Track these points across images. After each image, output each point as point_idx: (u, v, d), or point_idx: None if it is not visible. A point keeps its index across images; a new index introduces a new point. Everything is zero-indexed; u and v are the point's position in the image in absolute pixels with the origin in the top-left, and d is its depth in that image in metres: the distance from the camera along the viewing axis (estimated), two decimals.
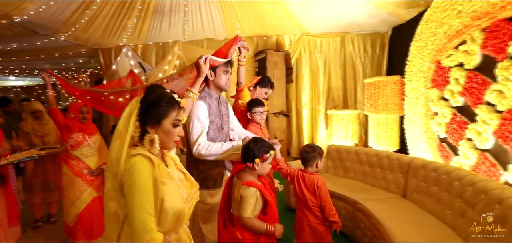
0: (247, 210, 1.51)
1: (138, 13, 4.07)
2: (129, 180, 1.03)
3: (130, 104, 1.11)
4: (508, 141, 2.14)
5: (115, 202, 1.07)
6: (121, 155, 1.05)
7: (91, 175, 2.54)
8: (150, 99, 1.11)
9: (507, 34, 2.14)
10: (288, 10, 4.37)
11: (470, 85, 2.49)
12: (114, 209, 1.08)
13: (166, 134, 1.13)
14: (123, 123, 1.08)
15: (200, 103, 1.74)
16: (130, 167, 1.04)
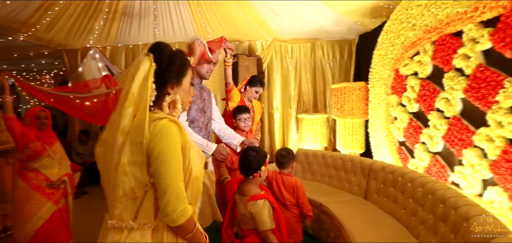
0: (266, 223, 1.52)
1: (105, 15, 3.95)
2: (159, 146, 0.94)
3: (143, 65, 0.97)
4: (454, 144, 2.34)
5: (130, 177, 0.96)
6: (144, 121, 0.94)
7: (51, 188, 2.34)
8: (167, 58, 1.02)
9: (452, 48, 2.34)
10: (258, 16, 4.44)
11: (423, 92, 2.70)
12: (130, 185, 0.97)
13: (186, 93, 1.07)
14: (138, 88, 0.96)
15: None
16: (159, 132, 0.95)
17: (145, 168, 0.97)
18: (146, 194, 0.99)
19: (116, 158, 0.96)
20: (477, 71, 2.10)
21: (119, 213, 0.99)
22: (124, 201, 0.98)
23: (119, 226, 0.99)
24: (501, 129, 1.91)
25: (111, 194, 0.99)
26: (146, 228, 0.99)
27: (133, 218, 0.99)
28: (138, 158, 0.96)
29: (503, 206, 1.90)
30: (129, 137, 0.96)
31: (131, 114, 0.96)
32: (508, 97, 1.86)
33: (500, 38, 1.91)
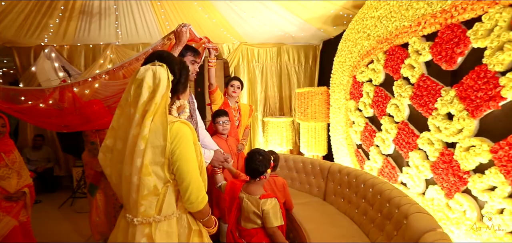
0: (277, 220, 1.65)
1: (61, 13, 3.74)
2: (180, 146, 1.10)
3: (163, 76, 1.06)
4: (402, 147, 2.53)
5: (153, 176, 1.09)
6: (165, 127, 1.07)
7: (9, 201, 2.16)
8: (178, 69, 1.16)
9: (400, 58, 2.54)
10: (224, 21, 4.46)
11: (377, 98, 2.89)
12: (153, 183, 1.10)
13: (187, 97, 1.22)
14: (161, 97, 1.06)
15: None
16: (177, 134, 1.10)
17: (166, 167, 1.11)
18: (168, 189, 1.14)
19: (138, 162, 1.06)
20: (420, 80, 2.30)
21: (144, 210, 1.11)
22: (149, 198, 1.10)
23: (146, 221, 1.11)
24: (439, 133, 2.11)
25: (134, 194, 1.10)
26: (171, 218, 1.14)
27: (158, 212, 1.13)
28: (159, 159, 1.09)
29: (441, 203, 2.09)
30: (149, 142, 1.07)
31: (152, 122, 1.07)
32: (444, 105, 2.05)
33: (438, 51, 2.11)
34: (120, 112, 1.12)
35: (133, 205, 1.11)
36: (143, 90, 1.03)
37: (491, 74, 1.71)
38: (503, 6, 1.65)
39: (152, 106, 1.04)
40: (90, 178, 2.69)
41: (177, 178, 1.13)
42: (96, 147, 2.68)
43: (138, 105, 1.04)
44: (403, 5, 2.44)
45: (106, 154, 1.16)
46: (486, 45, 1.75)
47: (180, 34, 1.68)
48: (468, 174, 1.88)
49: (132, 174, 1.08)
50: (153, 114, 1.05)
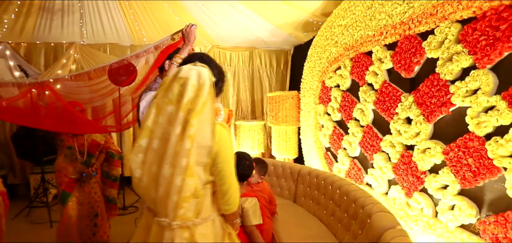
0: (256, 218, 1.70)
1: (17, 9, 3.49)
2: (224, 148, 1.12)
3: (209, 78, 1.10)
4: (367, 150, 2.67)
5: (195, 178, 1.08)
6: (212, 128, 1.09)
7: None
8: (217, 72, 1.19)
9: (365, 65, 2.68)
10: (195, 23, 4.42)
11: (344, 103, 3.02)
12: (194, 185, 1.09)
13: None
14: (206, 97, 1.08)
15: (149, 93, 1.65)
16: (221, 136, 1.12)
17: (208, 169, 1.12)
18: (206, 191, 1.14)
19: (184, 162, 1.05)
20: (383, 86, 2.44)
21: (183, 213, 1.09)
22: (190, 201, 1.09)
23: (185, 225, 1.10)
24: (400, 137, 2.26)
25: (174, 196, 1.07)
26: (208, 220, 1.15)
27: (196, 215, 1.12)
28: (204, 160, 1.10)
29: (402, 202, 2.24)
30: (195, 142, 1.06)
31: (198, 122, 1.06)
32: (404, 110, 2.20)
33: (398, 60, 2.27)
34: (158, 111, 1.11)
35: (172, 208, 1.08)
36: (188, 89, 1.05)
37: (442, 82, 1.87)
38: (451, 21, 1.81)
39: (198, 105, 1.05)
40: (63, 186, 2.50)
41: (218, 180, 1.15)
42: (73, 152, 2.53)
43: (182, 103, 1.05)
44: (367, 16, 2.59)
45: (138, 155, 1.13)
46: (438, 56, 1.91)
47: (189, 34, 1.67)
48: (425, 174, 2.03)
49: (174, 174, 1.05)
50: (199, 113, 1.05)
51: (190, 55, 1.24)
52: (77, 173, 2.53)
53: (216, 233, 1.18)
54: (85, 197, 2.55)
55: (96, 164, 2.68)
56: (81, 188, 2.55)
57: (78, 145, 2.58)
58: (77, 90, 4.73)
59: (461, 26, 1.75)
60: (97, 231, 2.61)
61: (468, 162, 1.68)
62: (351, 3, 2.83)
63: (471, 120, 1.67)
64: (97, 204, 2.61)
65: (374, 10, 2.50)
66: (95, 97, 4.62)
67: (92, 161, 2.64)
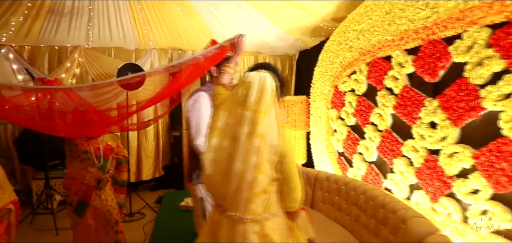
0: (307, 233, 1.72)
1: (27, 11, 3.42)
2: (292, 148, 1.22)
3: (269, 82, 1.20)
4: (386, 154, 2.66)
5: (264, 175, 1.16)
6: (281, 126, 1.18)
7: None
8: (279, 78, 1.27)
9: (383, 70, 2.69)
10: (204, 27, 4.40)
11: (360, 108, 3.01)
12: (265, 181, 1.17)
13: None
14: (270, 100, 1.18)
15: (203, 94, 1.72)
16: (289, 135, 1.21)
17: (275, 166, 1.19)
18: (273, 188, 1.22)
19: (254, 159, 1.14)
20: (403, 91, 2.45)
21: (254, 208, 1.17)
22: (260, 196, 1.17)
23: (255, 219, 1.18)
24: (423, 141, 2.25)
25: (246, 192, 1.16)
26: (275, 215, 1.23)
27: (265, 210, 1.20)
28: (273, 158, 1.18)
29: (426, 207, 2.23)
30: (265, 140, 1.15)
31: (266, 122, 1.15)
32: (428, 114, 2.20)
33: (420, 64, 2.27)
34: (228, 112, 1.23)
35: (243, 203, 1.17)
36: (252, 92, 1.17)
37: (471, 86, 1.88)
38: (481, 26, 1.82)
39: (263, 106, 1.15)
40: (80, 195, 2.38)
41: (285, 177, 1.21)
42: (90, 157, 2.44)
43: (248, 104, 1.16)
44: (386, 21, 2.60)
45: (210, 154, 1.23)
46: (466, 60, 1.91)
47: (239, 44, 1.70)
48: (452, 179, 2.02)
49: (245, 171, 1.15)
50: (265, 114, 1.15)
51: (256, 63, 1.37)
52: (94, 179, 2.45)
53: (282, 229, 1.25)
54: (103, 206, 2.47)
55: (111, 169, 2.61)
56: (98, 196, 2.47)
57: (94, 149, 2.51)
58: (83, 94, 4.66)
59: (492, 31, 1.76)
60: (118, 239, 2.55)
61: (502, 166, 1.68)
62: (367, 8, 2.84)
63: (505, 124, 1.67)
64: (115, 211, 2.54)
65: (393, 15, 2.51)
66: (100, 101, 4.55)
67: (107, 166, 2.58)
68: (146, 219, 3.97)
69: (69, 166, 2.50)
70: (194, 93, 1.82)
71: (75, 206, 2.41)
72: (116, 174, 2.75)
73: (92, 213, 2.46)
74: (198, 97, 1.75)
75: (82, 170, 2.44)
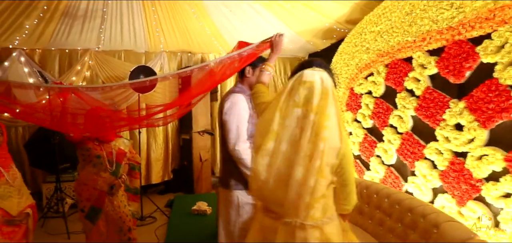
0: None
1: (42, 14, 3.41)
2: (348, 150, 1.15)
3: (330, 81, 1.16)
4: (406, 157, 2.62)
5: (325, 179, 1.11)
6: (341, 128, 1.13)
7: (10, 225, 1.80)
8: (332, 73, 1.22)
9: (403, 71, 2.65)
10: (216, 30, 4.39)
11: (378, 110, 2.97)
12: (325, 185, 1.12)
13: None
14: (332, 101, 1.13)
15: (240, 97, 1.65)
16: (347, 139, 1.15)
17: (333, 169, 1.14)
18: (329, 192, 1.17)
19: (318, 163, 1.09)
20: (426, 92, 2.40)
21: (313, 213, 1.13)
22: (320, 201, 1.13)
23: (316, 225, 1.13)
24: (448, 144, 2.20)
25: (307, 197, 1.10)
26: (333, 219, 1.18)
27: (323, 214, 1.15)
28: (333, 161, 1.12)
29: (452, 211, 2.18)
30: (327, 143, 1.09)
31: (330, 125, 1.10)
32: (453, 116, 2.16)
33: (445, 65, 2.23)
34: (283, 114, 1.16)
35: (303, 208, 1.12)
36: (315, 93, 1.11)
37: (502, 87, 1.83)
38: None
39: (326, 108, 1.10)
40: (92, 200, 2.32)
41: (342, 180, 1.17)
42: (102, 161, 2.40)
43: (312, 106, 1.10)
44: (406, 21, 2.56)
45: (264, 158, 1.18)
46: (497, 60, 1.87)
47: (278, 43, 1.64)
48: (481, 182, 1.97)
49: (307, 176, 1.09)
50: (328, 117, 1.10)
51: (308, 60, 1.28)
52: (106, 185, 2.40)
53: (339, 232, 1.21)
54: (115, 212, 2.42)
55: (123, 175, 2.56)
56: (111, 203, 2.42)
57: (107, 154, 2.46)
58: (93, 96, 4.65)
59: None
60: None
61: None
62: (386, 9, 2.81)
63: None
64: (128, 218, 2.49)
65: (414, 16, 2.47)
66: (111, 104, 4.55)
67: (120, 171, 2.53)
68: (158, 223, 3.93)
69: (81, 171, 2.43)
70: (228, 95, 1.75)
71: (87, 212, 2.34)
72: (128, 180, 2.69)
73: (104, 219, 2.39)
74: (236, 100, 1.67)
75: (94, 175, 2.37)
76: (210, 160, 5.46)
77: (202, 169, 5.15)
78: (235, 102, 1.66)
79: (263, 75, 1.56)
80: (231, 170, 1.70)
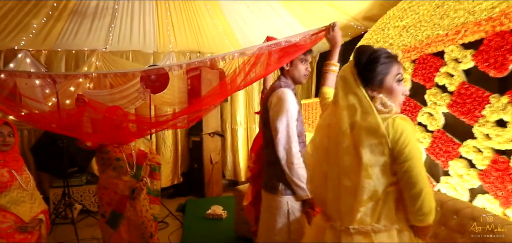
0: None
1: (51, 11, 3.29)
2: (409, 144, 0.97)
3: (343, 71, 1.09)
4: (439, 156, 2.49)
5: (373, 179, 0.99)
6: (375, 120, 0.99)
7: (23, 232, 1.72)
8: (365, 60, 1.06)
9: (434, 67, 2.53)
10: (229, 28, 4.28)
11: (404, 108, 2.84)
12: (373, 187, 0.99)
13: (390, 93, 1.06)
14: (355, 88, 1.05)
15: (288, 92, 1.50)
16: (402, 130, 0.98)
17: (387, 169, 1.00)
18: (388, 196, 1.02)
19: (356, 161, 0.99)
20: (460, 88, 2.28)
21: (361, 217, 1.00)
22: (367, 204, 1.00)
23: (364, 230, 1.00)
24: (488, 141, 2.08)
25: (350, 199, 1.01)
26: (391, 229, 1.01)
27: (376, 220, 1.01)
28: (378, 159, 0.99)
29: (496, 212, 2.05)
30: (364, 139, 0.99)
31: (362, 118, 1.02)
32: (494, 112, 2.04)
33: (484, 58, 2.11)
34: (333, 110, 1.10)
35: (346, 211, 1.03)
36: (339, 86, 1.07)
37: None
38: None
39: (350, 100, 1.03)
40: (113, 205, 2.22)
41: (405, 182, 0.99)
42: (122, 164, 2.27)
43: (339, 100, 1.05)
44: (437, 14, 2.45)
45: (310, 153, 1.16)
46: None
47: (337, 37, 1.54)
48: None
49: (341, 175, 1.02)
50: (357, 108, 1.01)
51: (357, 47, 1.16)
52: (128, 188, 2.28)
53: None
54: (138, 218, 2.29)
55: (145, 177, 2.44)
56: (133, 207, 2.30)
57: (126, 156, 2.34)
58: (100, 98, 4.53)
59: None
60: None
61: None
62: (412, 2, 2.70)
63: None
64: (150, 223, 2.36)
65: (446, 8, 2.36)
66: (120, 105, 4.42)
67: (141, 173, 2.41)
68: (170, 228, 3.80)
69: (101, 175, 2.34)
70: (274, 89, 1.59)
71: (108, 217, 2.24)
72: (149, 182, 2.57)
73: (126, 225, 2.28)
74: (284, 95, 1.50)
75: (114, 178, 2.27)
76: (220, 163, 5.34)
77: (213, 172, 5.02)
78: (283, 97, 1.49)
79: (328, 78, 1.46)
80: (279, 174, 1.55)
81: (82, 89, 4.50)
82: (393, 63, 1.08)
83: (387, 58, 1.07)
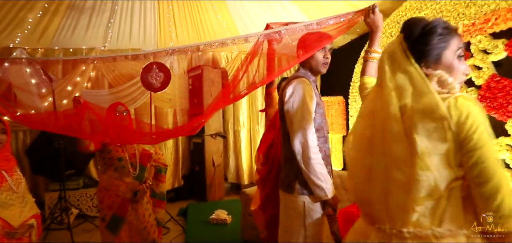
0: None
1: (47, 4, 3.10)
2: (477, 129, 0.78)
3: (389, 46, 0.93)
4: None
5: (433, 172, 0.80)
6: (433, 99, 0.81)
7: (11, 238, 1.58)
8: (418, 32, 0.88)
9: None
10: (233, 25, 4.10)
11: None
12: (433, 181, 0.80)
13: (450, 71, 0.87)
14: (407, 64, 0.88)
15: (305, 81, 1.37)
16: (468, 112, 0.79)
17: (452, 159, 0.81)
18: (452, 193, 0.83)
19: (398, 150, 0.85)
20: (491, 81, 2.10)
21: (417, 219, 0.84)
22: (424, 203, 0.83)
23: (422, 234, 0.82)
24: None
25: (399, 196, 0.85)
26: (458, 235, 0.82)
27: (438, 223, 0.83)
28: (438, 146, 0.81)
29: None
30: (420, 123, 0.82)
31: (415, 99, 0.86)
32: None
33: None
34: (378, 93, 0.94)
35: (398, 211, 0.85)
36: (386, 64, 0.90)
37: None
38: None
39: (399, 79, 0.87)
40: (114, 208, 2.06)
41: (476, 177, 0.79)
42: (125, 165, 2.10)
43: (386, 80, 0.89)
44: (461, 3, 2.28)
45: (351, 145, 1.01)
46: None
47: (378, 20, 1.36)
48: None
49: (391, 166, 0.85)
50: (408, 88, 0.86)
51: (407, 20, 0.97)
52: (130, 191, 2.11)
53: None
54: (140, 222, 2.11)
55: (148, 179, 2.25)
56: (135, 211, 2.12)
57: (129, 156, 2.16)
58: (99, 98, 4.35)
59: None
60: None
61: None
62: None
63: None
64: (153, 228, 2.18)
65: None
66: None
67: (144, 175, 2.23)
68: (172, 233, 3.60)
69: (102, 176, 2.17)
70: (290, 81, 1.46)
71: (108, 221, 2.07)
72: (154, 184, 2.38)
73: (127, 230, 2.11)
74: (299, 85, 1.38)
75: (116, 180, 2.11)
76: (222, 165, 5.14)
77: (215, 175, 4.83)
78: (298, 88, 1.37)
79: (370, 67, 1.29)
80: (296, 171, 1.39)
81: (80, 89, 4.32)
82: (453, 35, 0.89)
83: (445, 28, 0.89)
